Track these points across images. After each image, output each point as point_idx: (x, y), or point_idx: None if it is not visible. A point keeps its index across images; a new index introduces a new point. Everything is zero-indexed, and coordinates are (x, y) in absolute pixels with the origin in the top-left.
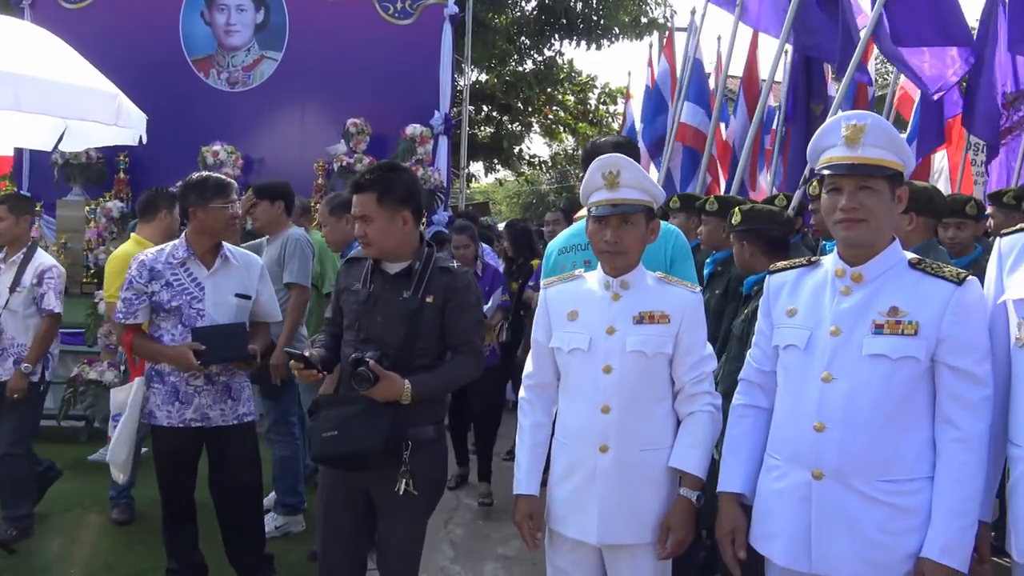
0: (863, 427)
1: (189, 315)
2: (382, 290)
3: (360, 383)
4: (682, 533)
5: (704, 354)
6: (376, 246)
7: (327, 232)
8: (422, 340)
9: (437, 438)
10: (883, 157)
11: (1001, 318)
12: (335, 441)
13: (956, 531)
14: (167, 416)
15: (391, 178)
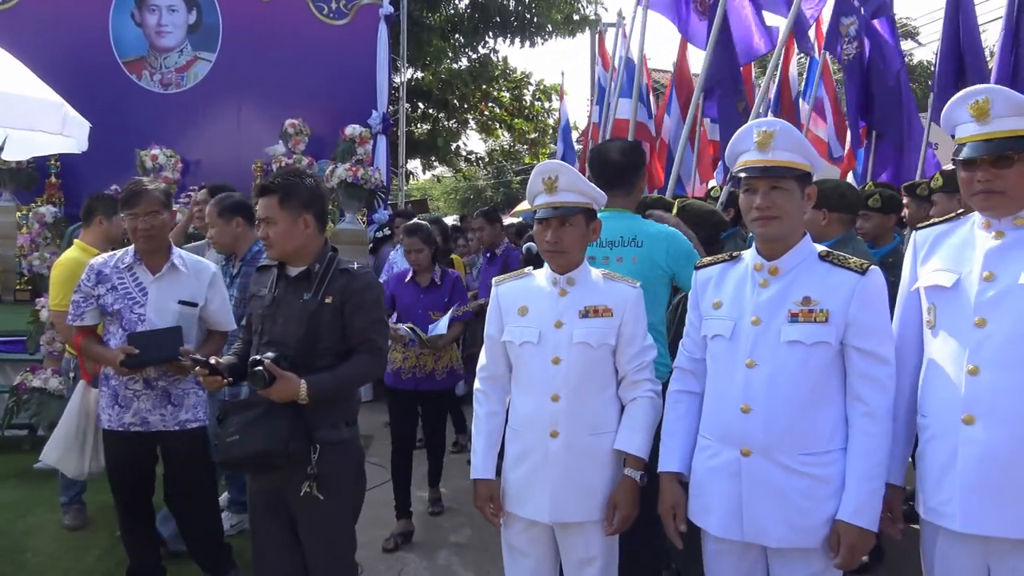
0: (784, 407)
1: (130, 319)
2: (284, 294)
3: (256, 382)
4: (627, 510)
5: (645, 344)
6: (278, 248)
7: (215, 234)
8: (323, 341)
9: (348, 439)
10: (792, 159)
11: (914, 303)
12: (236, 445)
13: (866, 495)
14: (108, 419)
15: (294, 182)
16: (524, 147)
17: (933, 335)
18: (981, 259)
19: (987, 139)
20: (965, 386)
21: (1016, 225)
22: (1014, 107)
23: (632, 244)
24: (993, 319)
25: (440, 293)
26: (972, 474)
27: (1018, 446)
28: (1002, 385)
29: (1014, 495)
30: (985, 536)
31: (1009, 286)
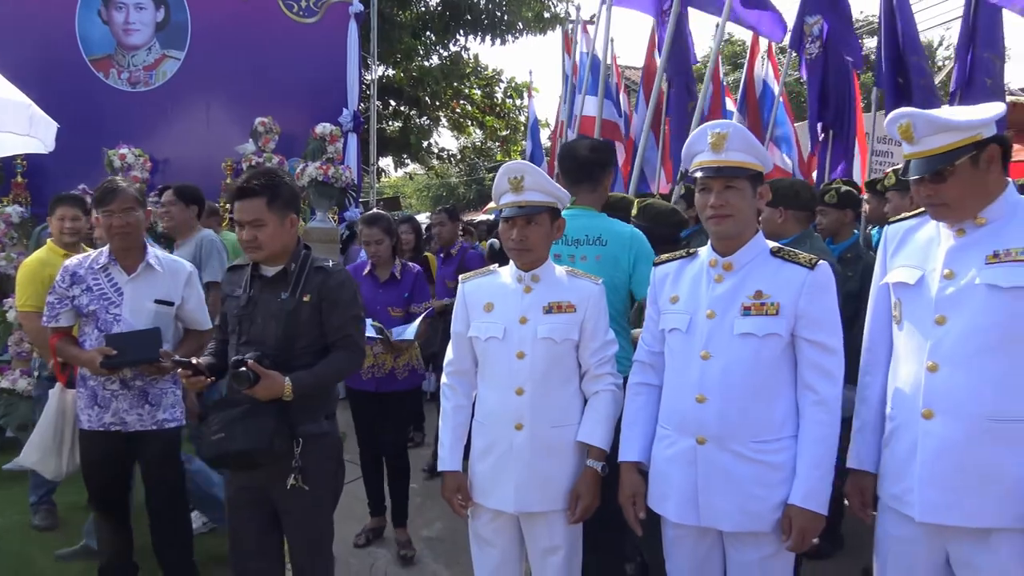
0: (737, 397)
1: (105, 320)
2: (261, 293)
3: (240, 383)
4: (589, 499)
5: (606, 339)
6: (267, 250)
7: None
8: (301, 339)
9: (328, 432)
10: (744, 160)
11: (885, 296)
12: (223, 443)
13: (816, 480)
14: (88, 420)
15: (277, 183)
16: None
17: (899, 329)
18: (943, 257)
19: (919, 157)
20: (925, 382)
21: (976, 224)
22: (934, 127)
23: (597, 243)
24: (952, 317)
25: (399, 288)
26: (930, 466)
27: (972, 441)
28: (958, 382)
29: (969, 487)
30: (943, 525)
31: (967, 284)
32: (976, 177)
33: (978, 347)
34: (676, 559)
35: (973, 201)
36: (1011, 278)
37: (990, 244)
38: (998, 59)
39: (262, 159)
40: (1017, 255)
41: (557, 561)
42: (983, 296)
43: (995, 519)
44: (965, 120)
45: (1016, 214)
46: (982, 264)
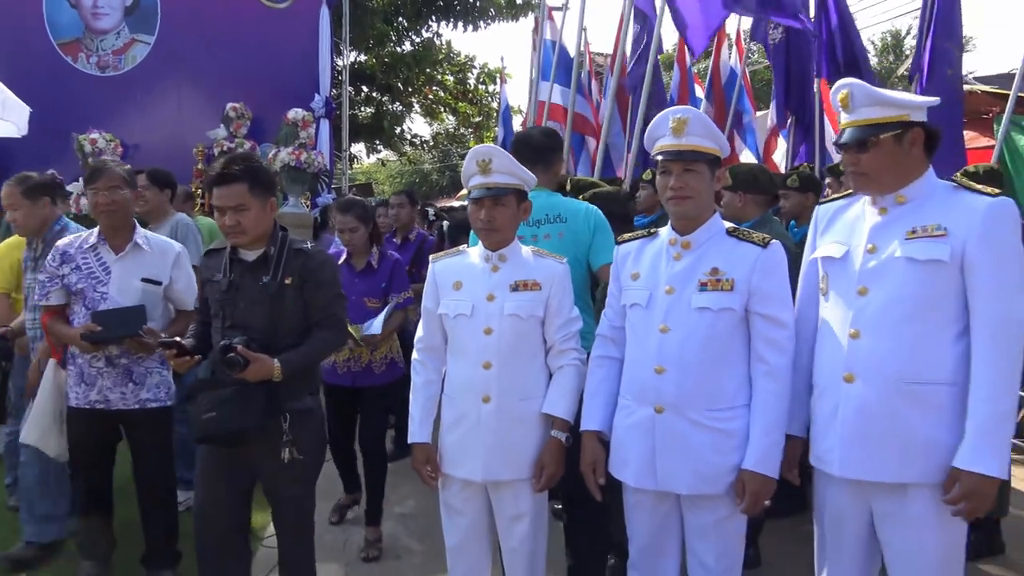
0: (694, 368)
1: (93, 298)
2: (242, 278)
3: (231, 367)
4: (553, 468)
5: (571, 316)
6: (251, 234)
7: (21, 216)
8: (286, 321)
9: (314, 407)
10: (703, 144)
11: (814, 271)
12: (214, 422)
13: (767, 446)
14: (75, 397)
15: (256, 167)
16: (469, 131)
17: (825, 301)
18: (867, 232)
19: (852, 126)
20: (847, 348)
21: (898, 202)
22: (870, 98)
23: (557, 220)
24: (873, 287)
25: (376, 278)
26: (850, 426)
27: (887, 401)
28: (877, 348)
29: (884, 444)
30: (862, 480)
31: (888, 258)
32: (897, 154)
33: (896, 316)
34: (636, 522)
35: (891, 177)
36: (927, 252)
37: (910, 221)
38: (957, 48)
39: (234, 144)
40: (933, 231)
41: (523, 528)
42: (902, 268)
43: (908, 474)
44: (898, 98)
45: (933, 195)
46: (902, 239)
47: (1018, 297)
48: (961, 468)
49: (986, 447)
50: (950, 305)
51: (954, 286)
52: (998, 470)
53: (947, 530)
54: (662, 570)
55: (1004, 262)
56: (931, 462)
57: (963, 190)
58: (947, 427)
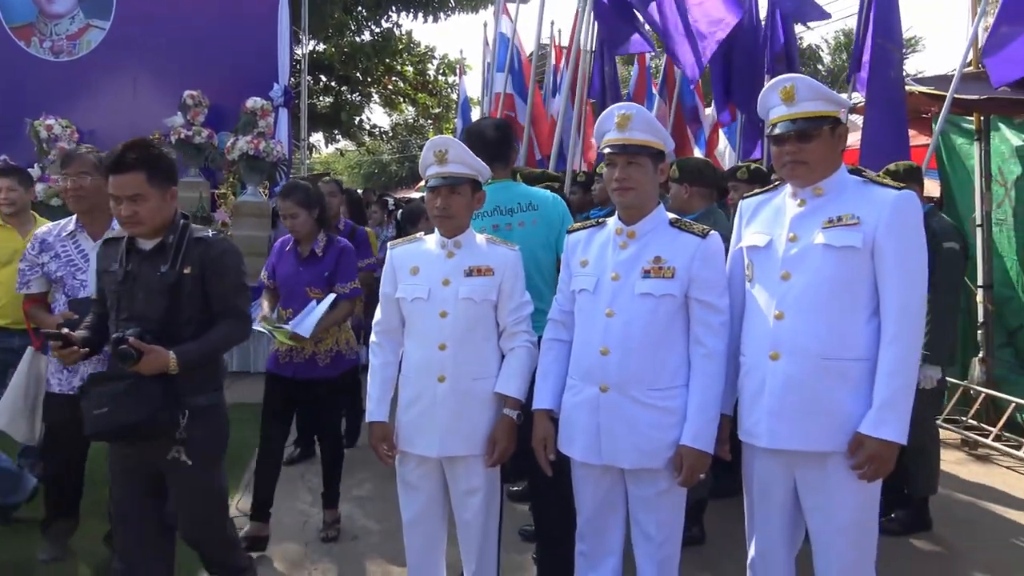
0: (636, 350)
1: (72, 285)
2: (139, 268)
3: (124, 360)
4: (505, 444)
5: (522, 300)
6: (148, 225)
7: None
8: (184, 312)
9: (215, 404)
10: (646, 139)
11: (739, 260)
12: (107, 417)
13: (704, 423)
14: (59, 383)
15: (156, 155)
16: (428, 122)
17: (751, 287)
18: (788, 223)
19: (793, 119)
20: (773, 328)
21: (815, 195)
22: (814, 92)
23: (529, 208)
24: (795, 273)
25: (320, 266)
26: (776, 400)
27: (809, 376)
28: (799, 327)
29: (806, 416)
30: (787, 450)
31: (807, 245)
32: (830, 146)
33: (815, 298)
34: (583, 494)
35: (823, 166)
36: (842, 239)
37: (827, 212)
38: (896, 49)
39: (191, 132)
40: (847, 220)
41: (476, 502)
42: (820, 255)
43: (828, 443)
44: (836, 95)
45: (847, 188)
46: (820, 228)
47: (919, 281)
48: (865, 434)
49: (889, 415)
50: (863, 288)
51: (866, 270)
52: (899, 436)
53: (862, 495)
54: (607, 540)
55: (908, 249)
56: (848, 431)
57: (872, 184)
58: (862, 399)
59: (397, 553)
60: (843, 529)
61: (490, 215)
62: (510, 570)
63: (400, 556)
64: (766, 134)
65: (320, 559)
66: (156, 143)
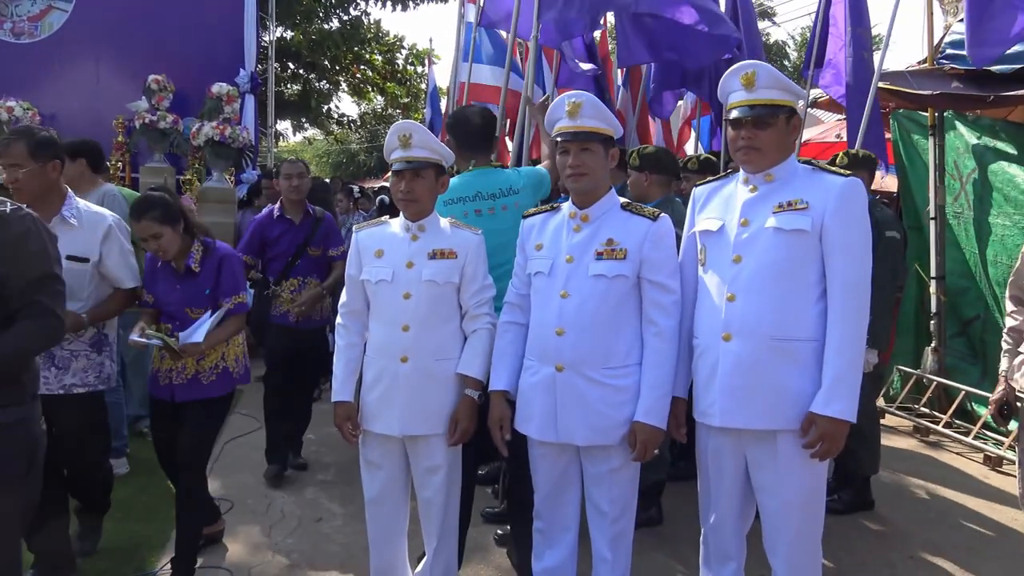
0: (590, 330)
1: None
2: None
3: None
4: (466, 423)
5: (484, 283)
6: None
7: None
8: None
9: (13, 422)
10: (597, 126)
11: (692, 245)
12: None
13: (656, 399)
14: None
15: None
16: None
17: (704, 271)
18: (740, 208)
19: (752, 104)
20: (724, 311)
21: (766, 181)
22: (774, 81)
23: (511, 192)
24: (746, 256)
25: (198, 283)
26: (728, 379)
27: (759, 356)
28: (750, 308)
29: (756, 396)
30: (738, 429)
31: (758, 229)
32: (783, 135)
33: (765, 280)
34: (540, 472)
35: (775, 153)
36: (791, 223)
37: (777, 197)
38: (866, 32)
39: (156, 117)
40: (796, 205)
41: (438, 480)
42: (770, 238)
43: (777, 422)
44: (795, 86)
45: (796, 175)
46: (771, 212)
47: (864, 263)
48: (816, 412)
49: (838, 394)
50: (811, 270)
51: (814, 253)
52: (849, 414)
53: (809, 473)
54: (563, 516)
55: (853, 233)
56: (796, 410)
57: (820, 171)
58: (810, 378)
59: (360, 535)
60: (791, 505)
61: (472, 200)
62: (473, 550)
63: (363, 536)
64: (724, 118)
65: (283, 540)
66: None
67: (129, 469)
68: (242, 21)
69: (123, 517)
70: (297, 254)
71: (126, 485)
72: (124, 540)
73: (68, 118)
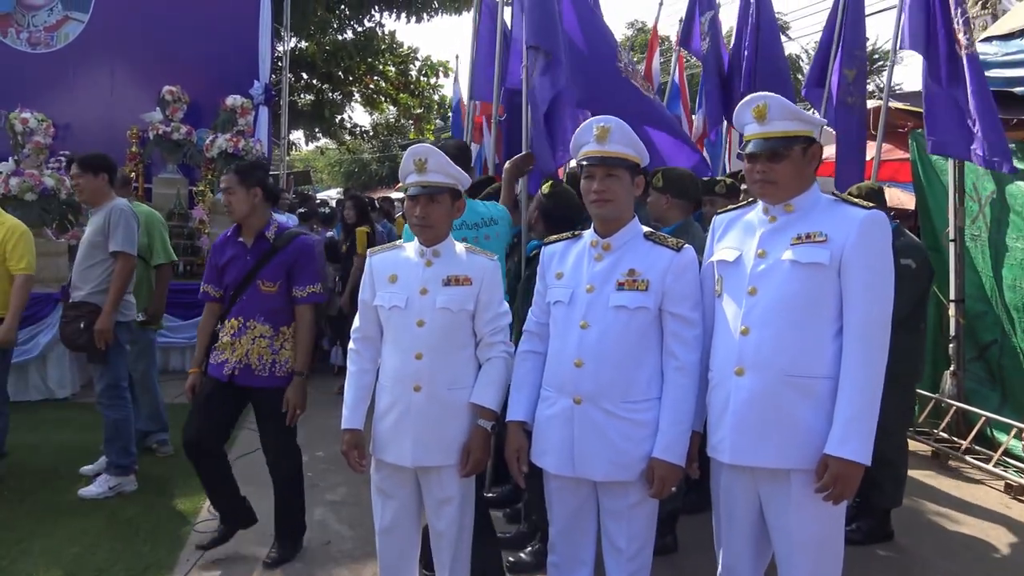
0: (609, 362)
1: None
2: None
3: None
4: (479, 454)
5: (500, 311)
6: None
7: None
8: None
9: None
10: (624, 152)
11: (711, 274)
12: None
13: (676, 435)
14: None
15: None
16: (409, 122)
17: (720, 301)
18: (757, 239)
19: (765, 137)
20: (738, 344)
21: (786, 211)
22: (786, 112)
23: (491, 223)
24: (761, 288)
25: None
26: (739, 416)
27: (773, 392)
28: (764, 343)
29: (769, 432)
30: (751, 467)
31: (775, 261)
32: (801, 166)
33: (781, 314)
34: (556, 507)
35: (793, 185)
36: (809, 256)
37: (796, 229)
38: (858, 65)
39: (170, 128)
40: (815, 238)
41: (451, 511)
42: (787, 270)
43: (790, 461)
44: (809, 115)
45: (817, 206)
46: (789, 244)
47: (885, 299)
48: (830, 454)
49: (852, 435)
50: (829, 305)
51: (833, 287)
52: (863, 456)
53: (825, 513)
54: (579, 551)
55: (874, 267)
56: (810, 449)
57: (842, 203)
58: (825, 417)
59: (369, 558)
60: (805, 546)
61: (458, 229)
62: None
63: (372, 561)
64: (739, 151)
65: (291, 564)
66: None
67: (137, 486)
68: (257, 33)
69: (131, 536)
70: (241, 287)
71: (133, 503)
72: (132, 561)
73: (82, 128)
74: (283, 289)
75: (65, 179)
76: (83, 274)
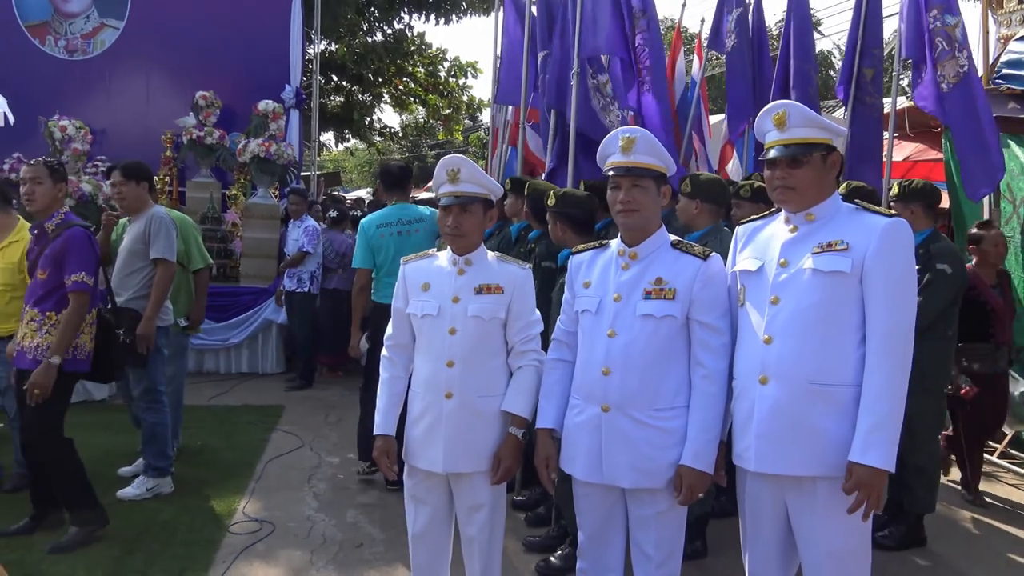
0: (637, 370)
1: None
2: None
3: None
4: (510, 462)
5: (531, 319)
6: None
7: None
8: None
9: None
10: (650, 162)
11: (732, 285)
12: None
13: (704, 443)
14: None
15: None
16: (438, 123)
17: (742, 311)
18: (779, 248)
19: (785, 144)
20: (761, 353)
21: (807, 220)
22: (805, 119)
23: (420, 221)
24: (784, 297)
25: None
26: (764, 424)
27: (796, 400)
28: (787, 351)
29: (794, 441)
30: (776, 475)
31: (797, 270)
32: (821, 173)
33: (803, 322)
34: (584, 513)
35: (813, 193)
36: (831, 264)
37: (817, 238)
38: (875, 62)
39: (203, 133)
40: (837, 246)
41: (482, 517)
42: (809, 279)
43: (815, 468)
44: (828, 123)
45: (838, 214)
46: (810, 253)
47: (907, 307)
48: (853, 461)
49: (875, 442)
50: (852, 313)
51: (855, 296)
52: (886, 463)
53: (852, 521)
54: (607, 557)
55: (896, 275)
56: (836, 457)
57: (864, 211)
58: (850, 425)
59: (401, 561)
60: (832, 554)
61: (396, 224)
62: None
63: (404, 564)
64: (761, 157)
65: (325, 566)
66: None
67: (174, 488)
68: (288, 37)
69: (168, 538)
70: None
71: (169, 505)
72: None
73: (118, 133)
74: (52, 277)
75: (103, 185)
76: (123, 281)
